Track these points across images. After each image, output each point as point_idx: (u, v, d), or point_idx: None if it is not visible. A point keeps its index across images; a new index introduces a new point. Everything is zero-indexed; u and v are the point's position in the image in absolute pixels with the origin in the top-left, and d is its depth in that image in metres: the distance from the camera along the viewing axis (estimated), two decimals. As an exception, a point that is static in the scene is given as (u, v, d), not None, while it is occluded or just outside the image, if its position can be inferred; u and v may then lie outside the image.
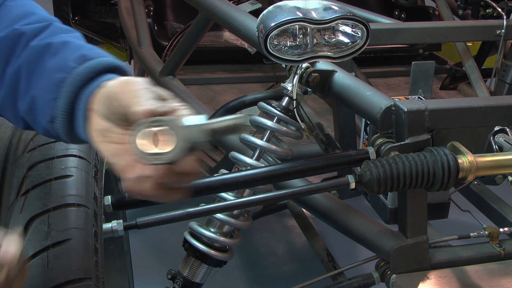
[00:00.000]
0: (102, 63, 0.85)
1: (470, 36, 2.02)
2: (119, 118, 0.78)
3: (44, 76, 0.85)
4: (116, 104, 0.78)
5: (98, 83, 0.82)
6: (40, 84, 0.86)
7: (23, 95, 0.88)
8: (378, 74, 2.82)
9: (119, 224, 1.24)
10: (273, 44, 1.14)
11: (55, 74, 0.84)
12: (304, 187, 1.24)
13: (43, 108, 0.85)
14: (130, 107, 0.75)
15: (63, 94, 0.83)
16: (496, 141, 1.25)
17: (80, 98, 0.83)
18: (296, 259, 2.59)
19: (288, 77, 1.31)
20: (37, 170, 1.00)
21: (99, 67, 0.84)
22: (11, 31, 0.90)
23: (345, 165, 1.24)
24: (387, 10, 3.05)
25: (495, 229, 1.35)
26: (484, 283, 1.24)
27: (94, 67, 0.84)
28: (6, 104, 0.91)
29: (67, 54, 0.86)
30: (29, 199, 0.96)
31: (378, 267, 1.31)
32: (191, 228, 1.35)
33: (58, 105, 0.83)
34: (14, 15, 0.93)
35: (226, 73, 2.78)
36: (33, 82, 0.86)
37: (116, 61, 0.87)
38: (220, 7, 1.79)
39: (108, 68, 0.85)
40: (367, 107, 1.25)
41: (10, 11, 0.94)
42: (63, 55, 0.86)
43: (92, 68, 0.83)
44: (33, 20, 0.93)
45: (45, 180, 0.98)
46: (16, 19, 0.92)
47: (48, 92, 0.84)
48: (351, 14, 1.15)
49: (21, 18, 0.92)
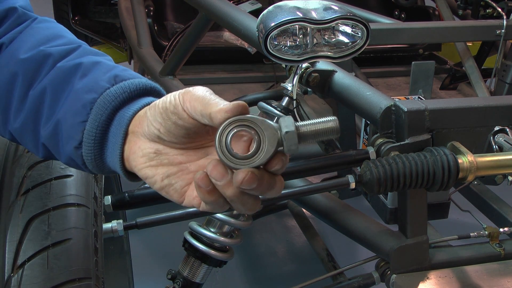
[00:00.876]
0: (137, 84, 0.78)
1: (470, 36, 2.01)
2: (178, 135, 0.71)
3: (71, 98, 0.77)
4: (175, 117, 0.70)
5: (138, 105, 0.75)
6: (67, 106, 0.77)
7: (46, 120, 0.80)
8: (378, 74, 2.82)
9: (119, 224, 1.25)
10: (273, 44, 1.14)
11: (84, 95, 0.76)
12: (304, 187, 1.24)
13: (69, 132, 0.77)
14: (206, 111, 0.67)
15: (93, 117, 0.75)
16: (496, 141, 1.25)
17: (114, 121, 0.75)
18: (296, 259, 2.59)
19: (288, 77, 1.31)
20: (37, 170, 1.00)
21: (133, 87, 0.77)
22: (37, 52, 0.83)
23: (345, 165, 1.24)
24: (387, 10, 3.05)
25: (495, 229, 1.35)
26: (484, 283, 1.24)
27: (128, 87, 0.77)
28: (25, 129, 0.83)
29: (98, 75, 0.78)
30: (29, 199, 0.96)
31: (378, 267, 1.31)
32: (191, 228, 1.35)
33: (87, 128, 0.75)
34: (41, 37, 0.86)
35: (226, 73, 2.78)
36: (59, 105, 0.78)
37: (151, 82, 0.81)
38: (220, 7, 1.79)
39: (143, 89, 0.78)
40: (367, 107, 1.25)
41: (36, 32, 0.87)
42: (94, 76, 0.78)
43: (125, 88, 0.76)
44: (61, 43, 0.85)
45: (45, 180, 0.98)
46: (43, 41, 0.85)
47: (75, 115, 0.76)
48: (351, 14, 1.15)
49: (48, 40, 0.85)
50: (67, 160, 0.80)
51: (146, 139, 0.73)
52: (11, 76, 0.83)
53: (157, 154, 0.73)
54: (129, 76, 0.79)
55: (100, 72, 0.79)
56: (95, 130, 0.75)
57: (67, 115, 0.77)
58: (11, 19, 0.88)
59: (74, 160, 0.79)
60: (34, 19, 0.90)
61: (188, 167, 0.73)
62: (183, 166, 0.73)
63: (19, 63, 0.82)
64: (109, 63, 0.82)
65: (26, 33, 0.87)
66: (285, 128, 0.64)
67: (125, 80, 0.77)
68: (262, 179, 0.65)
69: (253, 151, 0.64)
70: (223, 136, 0.65)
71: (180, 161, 0.73)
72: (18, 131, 0.83)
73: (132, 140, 0.74)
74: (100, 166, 0.78)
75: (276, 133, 0.64)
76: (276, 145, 0.64)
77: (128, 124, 0.74)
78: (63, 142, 0.78)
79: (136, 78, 0.79)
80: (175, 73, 2.30)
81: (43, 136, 0.81)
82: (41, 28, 0.88)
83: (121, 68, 0.81)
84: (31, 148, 0.85)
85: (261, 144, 0.64)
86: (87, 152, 0.76)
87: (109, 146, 0.76)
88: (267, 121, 0.64)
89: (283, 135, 0.64)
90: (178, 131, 0.71)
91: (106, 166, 0.78)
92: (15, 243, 0.94)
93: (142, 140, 0.73)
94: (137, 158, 0.73)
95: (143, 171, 0.73)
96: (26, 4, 0.92)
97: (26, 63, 0.82)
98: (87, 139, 0.76)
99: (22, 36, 0.86)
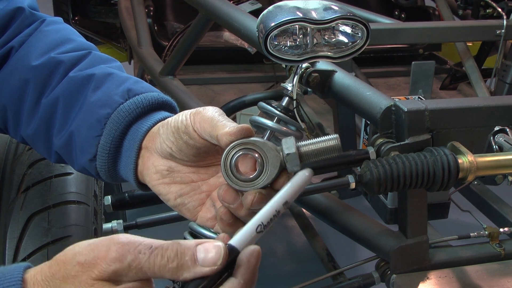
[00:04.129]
0: (150, 98, 0.78)
1: (470, 36, 2.01)
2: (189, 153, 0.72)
3: (85, 111, 0.78)
4: (186, 137, 0.71)
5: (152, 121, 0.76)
6: (80, 119, 0.78)
7: (59, 129, 0.81)
8: (378, 74, 2.82)
9: (119, 224, 1.25)
10: (273, 44, 1.14)
11: (98, 110, 0.77)
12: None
13: (83, 145, 0.78)
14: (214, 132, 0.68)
15: (108, 132, 0.76)
16: (496, 141, 1.25)
17: (128, 135, 0.76)
18: (296, 259, 2.59)
19: (288, 77, 1.31)
20: (37, 167, 1.01)
21: (146, 102, 0.77)
22: (48, 60, 0.83)
23: (345, 165, 1.24)
24: (387, 10, 3.05)
25: (495, 229, 1.34)
26: (484, 283, 1.24)
27: (141, 102, 0.77)
28: (38, 136, 0.84)
29: (111, 88, 0.78)
30: (30, 196, 0.96)
31: (378, 267, 1.31)
32: (191, 228, 1.34)
33: (101, 143, 0.76)
34: (50, 41, 0.86)
35: (226, 73, 2.77)
36: (72, 116, 0.79)
37: (163, 96, 0.81)
38: (220, 7, 1.79)
39: (155, 104, 0.79)
40: (367, 107, 1.25)
41: (46, 36, 0.87)
42: (107, 89, 0.78)
43: (139, 104, 0.77)
44: (71, 48, 0.86)
45: (45, 178, 0.99)
46: (53, 46, 0.86)
47: (90, 129, 0.77)
48: (351, 14, 1.15)
49: (58, 45, 0.86)
50: (81, 169, 0.81)
51: (159, 155, 0.74)
52: (22, 82, 0.83)
53: (170, 172, 0.74)
54: (142, 89, 0.79)
55: (113, 86, 0.79)
56: (109, 144, 0.76)
57: (81, 128, 0.78)
58: (19, 20, 0.88)
59: (88, 170, 0.80)
60: (42, 21, 0.90)
61: (200, 186, 0.75)
62: (195, 185, 0.75)
63: (30, 70, 0.83)
64: (121, 75, 0.82)
65: (35, 37, 0.87)
66: (287, 150, 0.66)
67: (138, 95, 0.78)
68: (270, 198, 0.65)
69: (257, 173, 0.66)
70: (227, 160, 0.67)
71: (192, 179, 0.74)
72: (30, 137, 0.84)
73: (145, 155, 0.75)
74: (113, 177, 0.79)
75: (279, 155, 0.66)
76: (279, 167, 0.66)
77: (142, 139, 0.75)
78: (77, 153, 0.79)
79: (148, 92, 0.79)
80: (175, 73, 2.29)
81: (56, 145, 0.82)
82: (50, 32, 0.88)
83: (133, 81, 0.81)
84: (43, 153, 0.86)
85: (264, 166, 0.66)
86: (101, 164, 0.78)
87: (122, 159, 0.77)
88: (269, 143, 0.66)
89: (285, 157, 0.66)
90: (189, 150, 0.72)
91: (119, 177, 0.79)
92: (15, 240, 0.94)
93: (155, 156, 0.74)
94: (150, 174, 0.74)
95: (156, 188, 0.75)
96: (33, 4, 0.92)
97: (37, 70, 0.83)
98: (101, 152, 0.77)
99: (32, 40, 0.87)
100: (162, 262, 0.54)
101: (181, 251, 0.54)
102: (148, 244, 0.54)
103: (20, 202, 0.95)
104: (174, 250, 0.54)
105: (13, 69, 0.85)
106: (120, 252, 0.54)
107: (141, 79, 0.84)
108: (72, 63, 0.83)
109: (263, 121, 1.32)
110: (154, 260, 0.54)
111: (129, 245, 0.54)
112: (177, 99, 2.09)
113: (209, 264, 0.54)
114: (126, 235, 0.56)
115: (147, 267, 0.54)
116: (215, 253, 0.55)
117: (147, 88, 0.81)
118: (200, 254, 0.55)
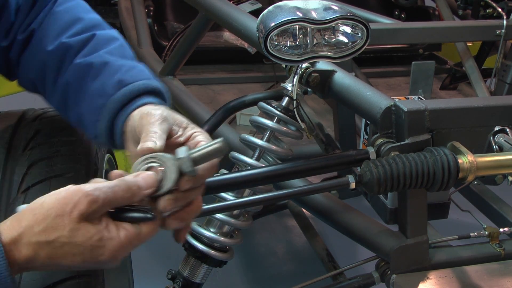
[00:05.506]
0: (137, 88, 0.93)
1: (470, 36, 2.02)
2: None
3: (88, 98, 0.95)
4: (137, 137, 0.85)
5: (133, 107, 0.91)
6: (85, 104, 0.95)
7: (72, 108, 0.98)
8: (378, 74, 2.82)
9: (119, 224, 1.24)
10: (273, 44, 1.14)
11: (96, 99, 0.93)
12: (304, 187, 1.24)
13: (88, 126, 0.96)
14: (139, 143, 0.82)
15: (104, 118, 0.92)
16: (496, 141, 1.25)
17: (117, 121, 0.92)
18: (296, 259, 2.59)
19: (288, 77, 1.31)
20: (37, 167, 1.01)
21: (135, 92, 0.92)
22: (59, 45, 0.97)
23: (345, 165, 1.24)
24: (387, 10, 3.05)
25: (495, 229, 1.35)
26: (484, 283, 1.24)
27: (130, 92, 0.92)
28: (60, 109, 1.02)
29: (106, 79, 0.94)
30: (30, 196, 0.97)
31: (378, 267, 1.31)
32: (191, 228, 1.35)
33: (100, 127, 0.93)
34: (61, 24, 0.99)
35: (226, 73, 2.77)
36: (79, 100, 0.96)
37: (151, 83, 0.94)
38: (220, 7, 1.79)
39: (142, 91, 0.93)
40: (367, 107, 1.25)
41: (58, 19, 1.00)
42: (103, 80, 0.94)
43: (127, 94, 0.92)
44: (79, 29, 0.99)
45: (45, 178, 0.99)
46: (63, 29, 0.98)
47: (91, 115, 0.94)
48: (351, 14, 1.15)
49: (67, 27, 0.99)
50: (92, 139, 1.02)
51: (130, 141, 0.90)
52: (42, 64, 0.99)
53: None
54: (132, 78, 0.94)
55: (108, 75, 0.94)
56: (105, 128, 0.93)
57: (85, 112, 0.95)
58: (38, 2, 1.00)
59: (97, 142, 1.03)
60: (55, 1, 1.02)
61: None
62: None
63: (46, 54, 0.98)
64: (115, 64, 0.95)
65: (49, 19, 1.00)
66: (179, 155, 0.80)
67: (128, 85, 0.92)
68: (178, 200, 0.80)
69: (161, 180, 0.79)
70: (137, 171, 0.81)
71: None
72: (56, 108, 1.03)
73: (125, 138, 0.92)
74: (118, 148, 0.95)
75: (175, 162, 0.80)
76: (176, 171, 0.79)
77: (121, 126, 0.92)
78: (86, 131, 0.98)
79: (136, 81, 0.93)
80: (175, 73, 2.30)
81: (72, 121, 1.00)
82: (61, 13, 1.01)
83: (125, 69, 0.95)
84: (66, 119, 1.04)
85: (164, 173, 0.79)
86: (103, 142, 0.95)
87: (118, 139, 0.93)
88: (167, 155, 0.80)
89: (179, 162, 0.80)
90: None
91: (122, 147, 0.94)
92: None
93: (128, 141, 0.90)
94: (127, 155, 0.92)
95: None
96: None
97: (52, 55, 0.97)
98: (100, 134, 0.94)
99: (46, 23, 1.00)
100: (120, 195, 0.73)
101: (129, 185, 0.74)
102: (107, 185, 0.73)
103: (20, 202, 0.96)
104: (125, 185, 0.74)
105: (35, 51, 0.99)
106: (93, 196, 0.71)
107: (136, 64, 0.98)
108: (78, 48, 0.97)
109: (263, 121, 1.33)
110: (115, 195, 0.73)
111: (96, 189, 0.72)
112: (177, 99, 2.10)
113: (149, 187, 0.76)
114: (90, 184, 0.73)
115: (114, 201, 0.73)
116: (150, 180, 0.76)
117: (138, 76, 0.95)
118: (141, 183, 0.75)
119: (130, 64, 0.97)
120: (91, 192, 0.71)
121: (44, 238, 0.69)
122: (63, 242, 0.70)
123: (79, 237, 0.70)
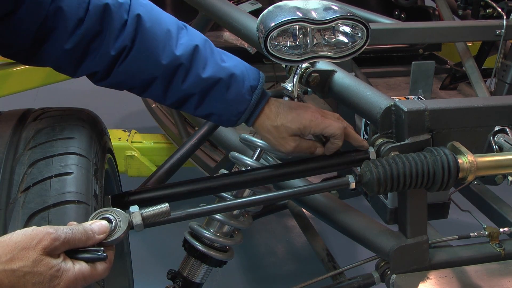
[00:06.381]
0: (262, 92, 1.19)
1: (470, 36, 2.02)
2: None
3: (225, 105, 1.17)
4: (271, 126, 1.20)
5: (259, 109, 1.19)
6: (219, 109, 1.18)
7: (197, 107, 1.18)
8: (378, 74, 2.82)
9: (119, 224, 1.24)
10: (273, 44, 1.14)
11: (237, 106, 1.17)
12: (304, 187, 1.24)
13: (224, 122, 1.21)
14: None
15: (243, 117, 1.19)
16: (496, 141, 1.25)
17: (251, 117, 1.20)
18: (296, 259, 2.59)
19: (288, 77, 1.31)
20: (37, 167, 1.01)
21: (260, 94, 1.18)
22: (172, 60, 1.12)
23: (345, 165, 1.24)
24: (387, 10, 3.05)
25: (495, 229, 1.35)
26: (484, 283, 1.24)
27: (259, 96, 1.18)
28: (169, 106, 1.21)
29: (239, 88, 1.16)
30: (30, 196, 0.96)
31: (378, 267, 1.31)
32: (191, 228, 1.35)
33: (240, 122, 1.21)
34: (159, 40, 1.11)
35: (226, 73, 2.77)
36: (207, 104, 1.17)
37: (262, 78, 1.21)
38: (220, 7, 1.79)
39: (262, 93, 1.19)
40: (367, 107, 1.25)
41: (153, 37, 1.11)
42: (237, 89, 1.16)
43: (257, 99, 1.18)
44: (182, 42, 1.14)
45: (45, 177, 0.99)
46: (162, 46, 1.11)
47: (232, 116, 1.18)
48: (351, 14, 1.15)
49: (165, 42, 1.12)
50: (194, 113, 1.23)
51: None
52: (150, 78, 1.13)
53: None
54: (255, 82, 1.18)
55: (239, 85, 1.16)
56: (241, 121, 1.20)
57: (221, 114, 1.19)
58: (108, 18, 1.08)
59: None
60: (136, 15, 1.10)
61: None
62: None
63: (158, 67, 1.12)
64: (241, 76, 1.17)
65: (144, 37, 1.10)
66: (131, 211, 0.98)
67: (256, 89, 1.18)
68: None
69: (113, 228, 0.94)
70: None
71: None
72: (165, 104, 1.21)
73: None
74: None
75: (127, 217, 0.96)
76: (128, 224, 0.96)
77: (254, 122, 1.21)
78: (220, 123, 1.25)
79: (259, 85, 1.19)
80: (175, 73, 2.29)
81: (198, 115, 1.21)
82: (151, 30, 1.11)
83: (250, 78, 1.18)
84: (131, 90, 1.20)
85: (117, 224, 0.94)
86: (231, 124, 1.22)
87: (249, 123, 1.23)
88: (120, 210, 0.96)
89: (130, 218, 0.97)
90: None
91: None
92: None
93: None
94: None
95: None
96: None
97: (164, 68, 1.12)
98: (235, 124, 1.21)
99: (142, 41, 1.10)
100: (78, 237, 0.86)
101: (86, 229, 0.88)
102: (68, 227, 0.86)
103: (20, 201, 0.95)
104: (82, 230, 0.88)
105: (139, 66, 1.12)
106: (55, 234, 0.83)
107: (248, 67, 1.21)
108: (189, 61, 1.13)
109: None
110: (74, 237, 0.86)
111: (59, 229, 0.85)
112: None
113: (101, 233, 0.91)
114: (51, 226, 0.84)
115: (72, 241, 0.85)
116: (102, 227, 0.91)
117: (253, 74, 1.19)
118: (96, 229, 0.90)
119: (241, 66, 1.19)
120: (54, 231, 0.83)
121: (9, 267, 0.79)
122: (25, 271, 0.80)
123: (41, 267, 0.81)
